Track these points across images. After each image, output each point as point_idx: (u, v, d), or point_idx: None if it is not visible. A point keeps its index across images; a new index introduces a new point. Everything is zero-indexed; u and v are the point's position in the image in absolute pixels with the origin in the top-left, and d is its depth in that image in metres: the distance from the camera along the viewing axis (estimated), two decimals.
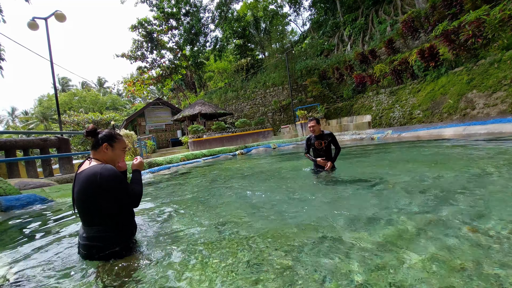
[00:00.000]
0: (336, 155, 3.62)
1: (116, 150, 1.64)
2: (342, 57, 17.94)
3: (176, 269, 1.41)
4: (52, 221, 2.87)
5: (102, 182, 1.41)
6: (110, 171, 1.45)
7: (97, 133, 1.61)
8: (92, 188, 1.42)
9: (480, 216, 1.77)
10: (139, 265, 1.48)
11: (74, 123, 24.46)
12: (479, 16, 7.85)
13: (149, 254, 1.62)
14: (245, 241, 1.75)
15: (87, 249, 1.48)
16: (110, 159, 1.62)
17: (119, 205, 1.50)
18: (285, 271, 1.31)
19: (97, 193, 1.42)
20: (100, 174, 1.42)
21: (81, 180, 1.45)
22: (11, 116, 44.91)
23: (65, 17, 8.87)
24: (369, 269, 1.28)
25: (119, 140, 1.66)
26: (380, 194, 2.57)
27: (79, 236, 1.55)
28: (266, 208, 2.53)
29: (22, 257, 1.83)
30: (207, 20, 26.27)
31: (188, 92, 30.80)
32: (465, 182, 2.59)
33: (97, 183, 1.41)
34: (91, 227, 1.48)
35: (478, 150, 4.25)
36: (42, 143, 5.73)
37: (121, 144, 1.68)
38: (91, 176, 1.42)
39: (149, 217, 2.61)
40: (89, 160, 1.58)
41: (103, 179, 1.41)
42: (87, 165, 1.52)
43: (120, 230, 1.54)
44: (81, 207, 1.48)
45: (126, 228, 1.59)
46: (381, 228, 1.76)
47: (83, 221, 1.52)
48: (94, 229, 1.47)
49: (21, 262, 1.73)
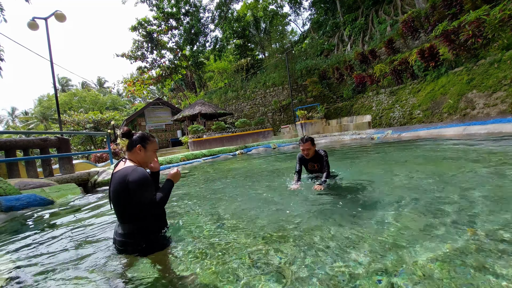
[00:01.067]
0: (328, 174, 3.11)
1: (148, 152, 1.70)
2: (342, 57, 17.94)
3: (199, 261, 1.55)
4: (55, 221, 2.88)
5: (129, 184, 1.48)
6: (138, 174, 1.50)
7: (131, 134, 1.68)
8: (122, 188, 1.50)
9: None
10: (167, 260, 1.58)
11: (75, 123, 24.46)
12: (479, 16, 7.85)
13: (175, 249, 1.71)
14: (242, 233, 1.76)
15: (121, 244, 1.58)
16: (143, 159, 1.68)
17: (140, 208, 1.54)
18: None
19: (126, 194, 1.50)
20: (129, 176, 1.49)
21: (115, 180, 1.54)
22: (11, 116, 44.91)
23: (65, 17, 8.87)
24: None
25: (151, 141, 1.72)
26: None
27: (114, 232, 1.65)
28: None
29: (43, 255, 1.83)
30: (207, 20, 26.27)
31: (188, 92, 30.79)
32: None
33: (126, 184, 1.49)
34: (123, 224, 1.58)
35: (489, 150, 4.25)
36: (42, 143, 5.72)
37: (153, 145, 1.74)
38: (122, 177, 1.51)
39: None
40: (124, 160, 1.66)
41: (130, 182, 1.48)
42: (122, 166, 1.61)
43: (148, 228, 1.61)
44: (115, 205, 1.58)
45: (154, 226, 1.65)
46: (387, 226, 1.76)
47: (117, 218, 1.62)
48: (125, 225, 1.57)
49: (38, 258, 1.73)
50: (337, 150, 7.93)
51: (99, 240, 2.04)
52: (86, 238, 2.15)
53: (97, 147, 27.07)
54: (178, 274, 1.42)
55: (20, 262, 1.73)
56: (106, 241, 2.00)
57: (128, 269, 1.49)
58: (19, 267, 1.64)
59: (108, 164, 9.82)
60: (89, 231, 2.36)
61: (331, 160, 3.42)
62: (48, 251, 1.93)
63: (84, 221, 2.74)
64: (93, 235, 2.22)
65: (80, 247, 1.96)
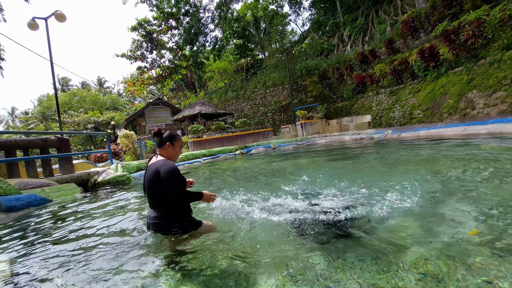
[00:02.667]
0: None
1: (176, 148, 2.00)
2: (342, 57, 17.93)
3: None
4: (58, 220, 2.88)
5: (160, 174, 1.75)
6: (168, 165, 1.79)
7: (161, 134, 1.98)
8: (156, 178, 1.76)
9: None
10: (195, 238, 1.90)
11: (75, 123, 24.47)
12: (479, 16, 7.85)
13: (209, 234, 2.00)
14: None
15: (155, 226, 1.84)
16: (172, 154, 1.98)
17: (169, 195, 1.77)
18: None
19: (158, 182, 1.75)
20: (161, 167, 1.77)
21: (150, 172, 1.81)
22: (11, 116, 44.90)
23: (65, 17, 8.87)
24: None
25: (178, 139, 2.01)
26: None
27: (148, 216, 1.91)
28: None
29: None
30: (207, 20, 26.26)
31: (188, 92, 30.78)
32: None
33: (158, 174, 1.75)
34: (156, 209, 1.84)
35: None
36: (42, 143, 5.72)
37: (180, 142, 2.03)
38: (155, 169, 1.79)
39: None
40: (156, 155, 1.96)
41: (161, 171, 1.75)
42: (155, 160, 1.90)
43: (177, 212, 1.86)
44: (149, 193, 1.84)
45: (183, 210, 1.90)
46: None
47: (150, 204, 1.88)
48: (158, 210, 1.83)
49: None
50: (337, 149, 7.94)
51: (131, 229, 2.32)
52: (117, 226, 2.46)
53: (97, 147, 27.08)
54: (201, 249, 1.75)
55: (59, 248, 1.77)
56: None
57: (161, 246, 1.84)
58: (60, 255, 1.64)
59: (108, 164, 9.81)
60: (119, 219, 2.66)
61: (331, 161, 3.32)
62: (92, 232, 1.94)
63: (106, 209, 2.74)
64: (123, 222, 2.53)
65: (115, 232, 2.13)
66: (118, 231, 2.33)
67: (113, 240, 2.10)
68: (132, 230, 2.27)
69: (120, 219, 2.66)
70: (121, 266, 1.62)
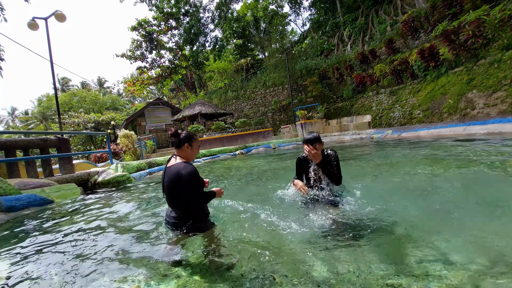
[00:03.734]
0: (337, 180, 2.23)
1: (194, 149, 2.01)
2: (342, 57, 17.93)
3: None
4: (62, 219, 2.87)
5: (182, 176, 1.79)
6: (190, 169, 1.83)
7: (179, 134, 1.97)
8: (176, 180, 1.80)
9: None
10: (212, 237, 1.91)
11: (75, 124, 24.47)
12: (479, 16, 7.85)
13: (221, 230, 2.03)
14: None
15: (174, 225, 1.90)
16: (190, 155, 1.99)
17: (190, 196, 1.84)
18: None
19: (179, 184, 1.80)
20: (183, 170, 1.81)
21: (170, 173, 1.85)
22: (11, 116, 44.91)
23: (65, 17, 8.87)
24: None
25: (195, 140, 2.02)
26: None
27: (167, 215, 1.98)
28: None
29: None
30: (207, 20, 26.25)
31: (188, 92, 30.78)
32: None
33: (179, 177, 1.79)
34: (175, 209, 1.90)
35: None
36: (42, 143, 5.71)
37: (197, 143, 2.04)
38: (176, 171, 1.82)
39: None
40: (175, 157, 1.97)
41: (183, 175, 1.79)
42: (174, 161, 1.93)
43: (196, 212, 1.92)
44: (169, 193, 1.88)
45: (201, 211, 1.96)
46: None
47: (169, 204, 1.94)
48: (177, 210, 1.89)
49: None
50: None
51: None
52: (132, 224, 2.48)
53: (97, 147, 27.08)
54: (218, 248, 1.78)
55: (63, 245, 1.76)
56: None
57: (179, 243, 1.84)
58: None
59: (108, 164, 9.80)
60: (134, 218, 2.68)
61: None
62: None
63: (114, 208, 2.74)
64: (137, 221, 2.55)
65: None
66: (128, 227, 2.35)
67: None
68: (132, 230, 2.27)
69: (120, 219, 2.66)
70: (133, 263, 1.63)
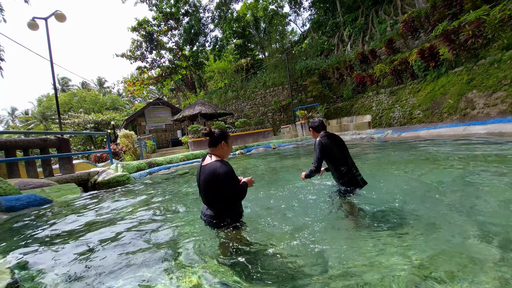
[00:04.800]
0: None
1: (230, 146, 2.01)
2: (342, 57, 17.93)
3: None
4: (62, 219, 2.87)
5: (219, 175, 1.78)
6: (228, 168, 1.82)
7: (213, 133, 1.94)
8: (213, 179, 1.79)
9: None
10: (246, 235, 1.96)
11: (75, 124, 24.48)
12: (479, 16, 7.85)
13: (253, 228, 2.10)
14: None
15: (210, 224, 1.92)
16: (226, 153, 1.98)
17: (226, 195, 1.85)
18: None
19: (216, 183, 1.79)
20: (220, 169, 1.79)
21: (206, 172, 1.84)
22: (11, 116, 44.90)
23: (65, 17, 8.86)
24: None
25: (229, 136, 2.02)
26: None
27: (202, 213, 2.00)
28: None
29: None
30: (207, 20, 26.24)
31: (188, 92, 30.76)
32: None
33: (217, 175, 1.78)
34: (211, 208, 1.91)
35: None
36: (42, 143, 5.72)
37: (231, 139, 2.05)
38: (213, 170, 1.80)
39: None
40: (210, 155, 1.95)
41: (221, 173, 1.78)
42: (209, 160, 1.90)
43: (232, 211, 1.92)
44: (205, 192, 1.89)
45: (236, 210, 1.96)
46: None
47: (205, 203, 1.95)
48: (213, 209, 1.89)
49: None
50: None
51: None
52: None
53: (97, 147, 27.09)
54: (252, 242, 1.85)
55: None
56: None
57: (215, 238, 1.90)
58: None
59: (108, 164, 9.80)
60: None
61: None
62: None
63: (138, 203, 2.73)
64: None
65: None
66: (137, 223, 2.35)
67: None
68: (132, 230, 2.27)
69: (120, 218, 2.66)
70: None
